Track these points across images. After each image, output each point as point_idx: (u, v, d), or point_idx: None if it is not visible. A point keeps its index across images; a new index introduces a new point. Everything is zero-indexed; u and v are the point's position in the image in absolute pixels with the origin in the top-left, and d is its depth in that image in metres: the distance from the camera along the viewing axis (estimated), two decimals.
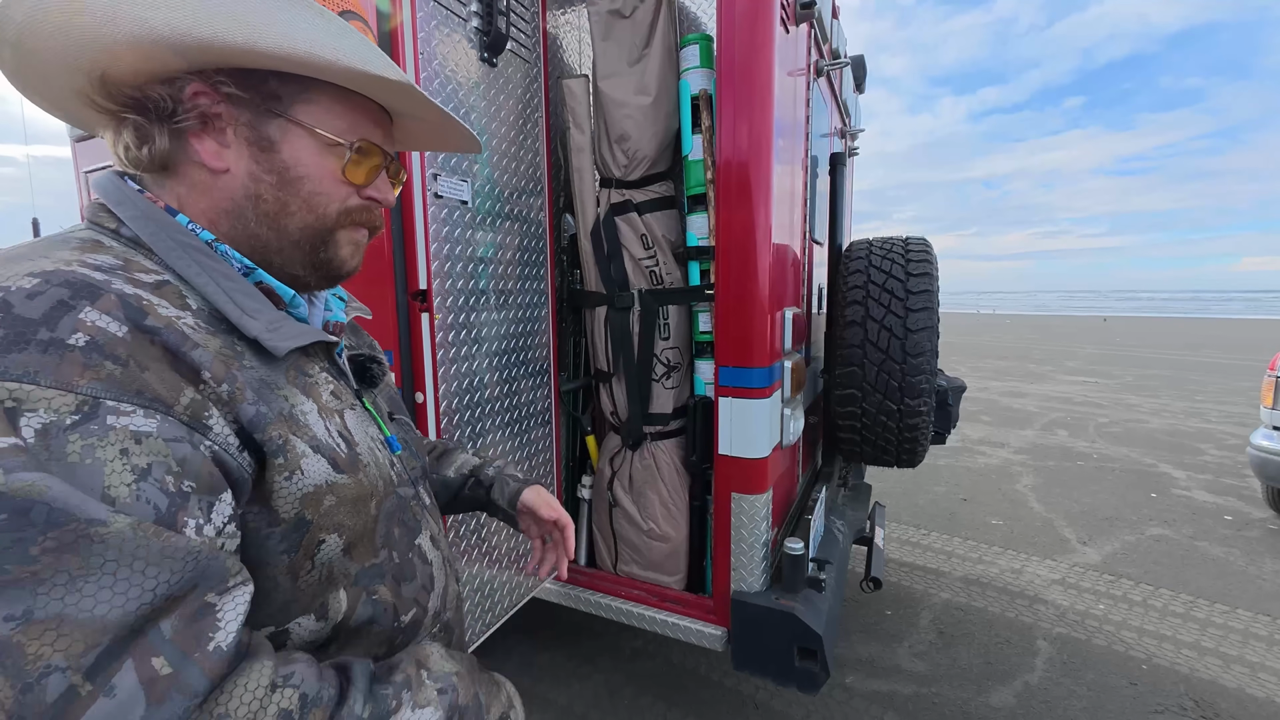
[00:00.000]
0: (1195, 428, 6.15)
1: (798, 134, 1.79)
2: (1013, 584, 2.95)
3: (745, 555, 1.56)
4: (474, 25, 1.37)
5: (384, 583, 0.58)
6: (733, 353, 1.51)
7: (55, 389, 0.37)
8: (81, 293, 0.41)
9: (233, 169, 0.53)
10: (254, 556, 0.48)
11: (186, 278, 0.49)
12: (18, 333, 0.38)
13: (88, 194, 3.14)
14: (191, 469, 0.41)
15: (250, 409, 0.47)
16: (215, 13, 0.46)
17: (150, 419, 0.40)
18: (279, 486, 0.48)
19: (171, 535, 0.39)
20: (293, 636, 0.51)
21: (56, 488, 0.35)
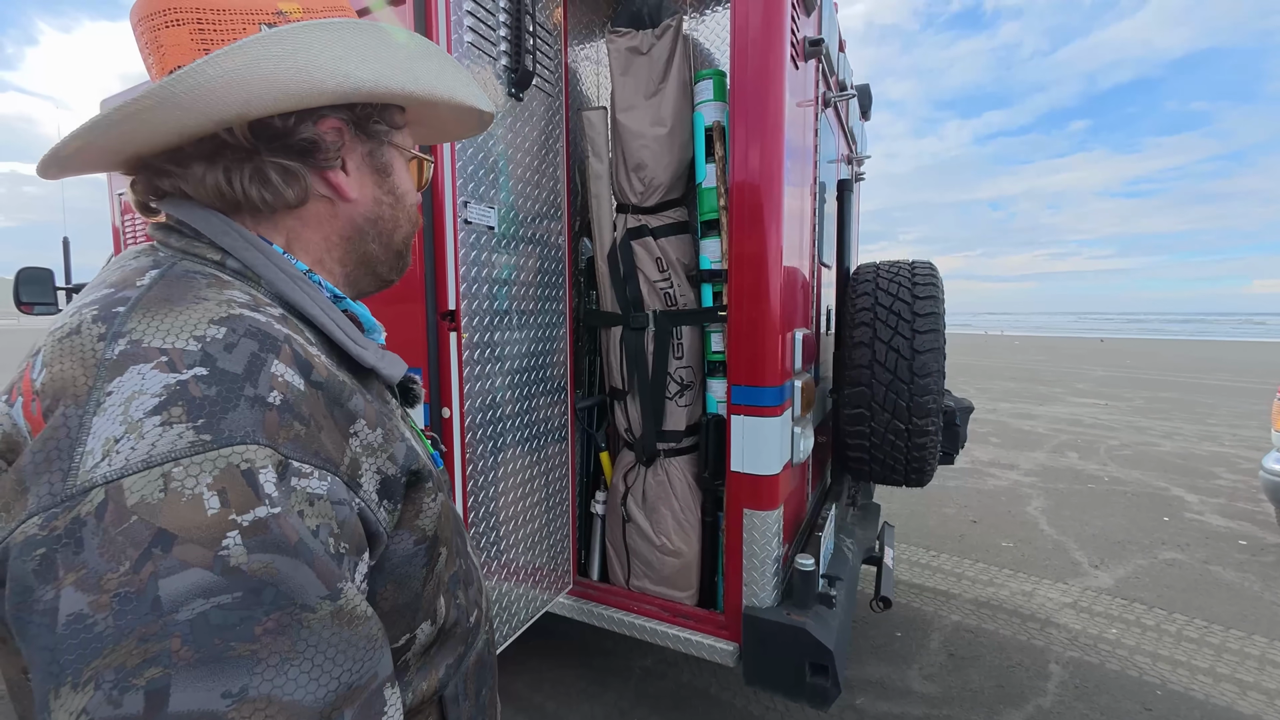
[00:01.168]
0: (1208, 451, 6.10)
1: (806, 162, 1.87)
2: (1024, 607, 2.94)
3: (757, 571, 1.59)
4: (503, 64, 1.46)
5: (461, 587, 0.62)
6: (745, 372, 1.56)
7: (269, 447, 0.39)
8: (266, 345, 0.43)
9: (359, 196, 0.56)
10: (402, 573, 0.51)
11: (301, 309, 0.50)
12: (228, 389, 0.39)
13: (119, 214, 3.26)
14: (348, 530, 0.43)
15: (402, 446, 0.50)
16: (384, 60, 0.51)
17: (324, 481, 0.42)
18: (425, 507, 0.52)
19: (361, 623, 0.40)
20: (417, 641, 0.54)
21: (284, 569, 0.37)
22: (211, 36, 0.48)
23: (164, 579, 0.34)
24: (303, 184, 0.52)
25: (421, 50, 0.55)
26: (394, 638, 0.51)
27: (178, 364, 0.39)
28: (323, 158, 0.52)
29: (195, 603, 0.34)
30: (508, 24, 1.45)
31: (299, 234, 0.54)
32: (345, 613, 0.39)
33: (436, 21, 1.28)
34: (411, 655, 0.54)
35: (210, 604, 0.34)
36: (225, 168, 0.49)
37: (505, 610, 1.68)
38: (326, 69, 0.47)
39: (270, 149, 0.49)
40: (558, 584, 1.91)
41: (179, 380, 0.38)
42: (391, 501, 0.49)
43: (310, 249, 0.55)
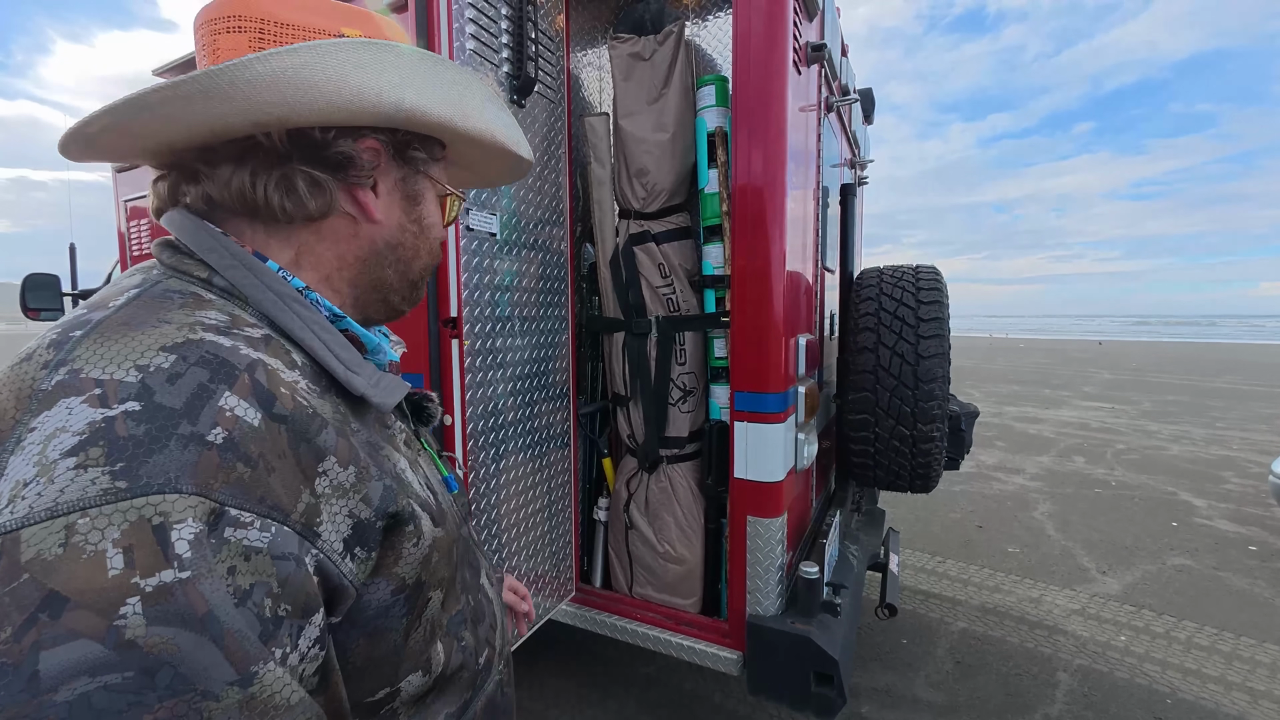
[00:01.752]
0: (1217, 455, 6.05)
1: (809, 167, 1.86)
2: (1031, 614, 2.91)
3: (760, 579, 1.58)
4: (505, 70, 1.46)
5: (466, 627, 0.57)
6: (748, 378, 1.55)
7: (197, 495, 0.34)
8: (219, 374, 0.39)
9: (384, 219, 0.55)
10: (378, 625, 0.47)
11: (288, 331, 0.47)
12: (159, 427, 0.35)
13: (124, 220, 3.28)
14: (291, 589, 0.38)
15: (378, 485, 0.46)
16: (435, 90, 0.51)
17: (265, 532, 0.37)
18: (406, 553, 0.47)
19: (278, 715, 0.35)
20: (402, 693, 0.50)
21: (186, 647, 0.32)
22: (269, 45, 0.48)
23: (46, 650, 0.29)
24: (328, 197, 0.50)
25: (475, 89, 0.56)
26: (370, 691, 0.48)
27: (110, 398, 0.35)
28: (355, 174, 0.51)
29: (79, 681, 0.30)
30: (509, 31, 1.46)
31: (312, 247, 0.52)
32: (259, 702, 0.34)
33: (438, 28, 1.29)
34: (400, 705, 0.50)
35: (95, 684, 0.30)
36: (253, 170, 0.47)
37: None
38: (377, 89, 0.46)
39: (303, 158, 0.48)
40: (560, 591, 1.90)
41: (106, 417, 0.34)
42: (364, 549, 0.44)
43: (321, 264, 0.53)
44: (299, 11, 0.49)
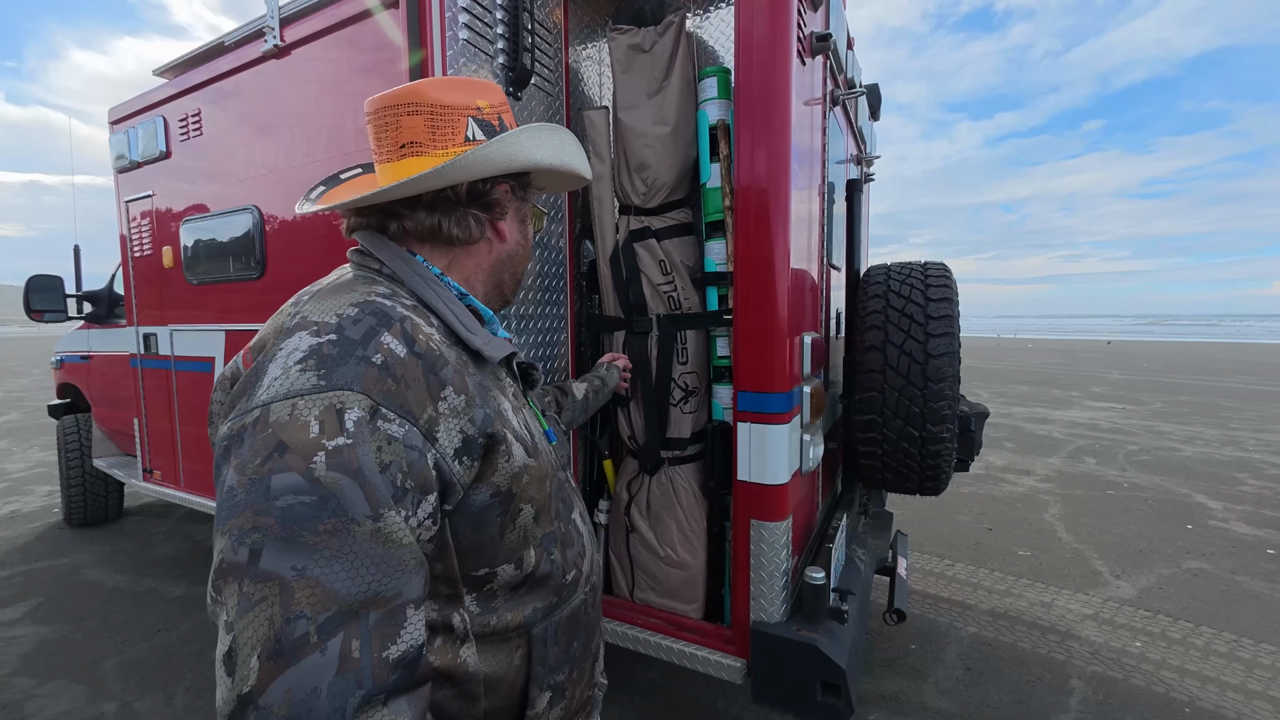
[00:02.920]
0: (1231, 456, 5.94)
1: (814, 162, 1.81)
2: (1043, 618, 2.84)
3: (765, 584, 1.53)
4: (500, 62, 1.43)
5: (556, 546, 0.74)
6: (751, 378, 1.51)
7: (362, 393, 0.53)
8: (383, 321, 0.59)
9: (509, 239, 0.78)
10: (480, 519, 0.63)
11: (428, 303, 0.68)
12: (345, 350, 0.56)
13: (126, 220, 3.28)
14: (415, 471, 0.55)
15: (480, 411, 0.63)
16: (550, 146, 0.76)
17: (401, 427, 0.55)
18: (501, 466, 0.64)
19: (395, 548, 0.51)
20: (498, 577, 0.67)
21: (344, 487, 0.50)
22: (438, 124, 0.70)
23: (275, 475, 0.49)
24: (482, 228, 0.74)
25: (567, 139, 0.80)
26: (474, 567, 0.65)
27: (321, 331, 0.57)
28: (498, 211, 0.75)
29: (289, 496, 0.49)
30: (505, 21, 1.42)
31: (460, 259, 0.75)
32: (383, 534, 0.51)
33: (430, 19, 1.25)
34: (498, 587, 0.67)
35: (297, 500, 0.49)
36: (443, 212, 0.71)
37: None
38: (524, 155, 0.72)
39: (471, 203, 0.72)
40: None
41: (318, 342, 0.56)
42: (470, 458, 0.61)
43: (464, 270, 0.75)
44: (450, 93, 0.71)
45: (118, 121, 3.22)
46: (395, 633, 0.50)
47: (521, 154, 0.72)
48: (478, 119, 0.71)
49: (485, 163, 0.69)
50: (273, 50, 2.38)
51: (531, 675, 0.70)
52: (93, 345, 4.01)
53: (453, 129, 0.70)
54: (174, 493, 3.16)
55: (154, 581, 3.31)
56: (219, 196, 2.75)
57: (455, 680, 0.64)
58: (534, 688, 0.71)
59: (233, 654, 0.46)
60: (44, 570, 3.46)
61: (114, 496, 4.24)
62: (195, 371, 2.97)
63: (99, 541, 3.92)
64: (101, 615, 2.93)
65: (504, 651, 0.68)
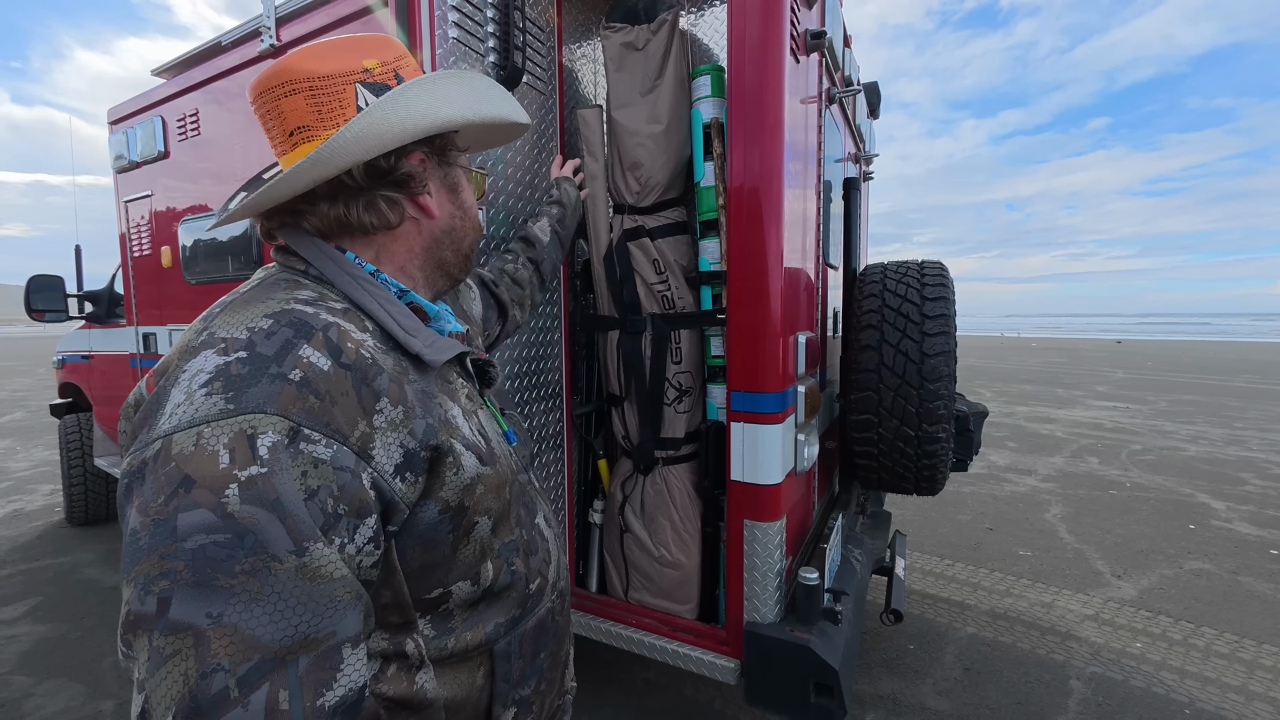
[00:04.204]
0: (1235, 456, 5.90)
1: (810, 160, 1.80)
2: (1043, 619, 2.83)
3: (758, 585, 1.52)
4: (491, 60, 1.42)
5: (518, 555, 0.69)
6: (745, 377, 1.50)
7: (277, 415, 0.48)
8: (301, 332, 0.53)
9: (439, 213, 0.69)
10: (429, 537, 0.59)
11: (360, 305, 0.61)
12: (256, 368, 0.50)
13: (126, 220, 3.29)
14: (348, 494, 0.50)
15: (421, 423, 0.57)
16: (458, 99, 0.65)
17: (329, 448, 0.50)
18: (448, 480, 0.59)
19: (324, 583, 0.47)
20: (454, 596, 0.63)
21: (262, 521, 0.45)
22: (321, 99, 0.60)
23: (182, 513, 0.44)
24: (401, 209, 0.65)
25: (479, 84, 0.69)
26: (427, 589, 0.60)
27: (230, 349, 0.51)
28: (416, 186, 0.66)
29: (199, 536, 0.44)
30: (495, 20, 1.41)
31: (388, 248, 0.67)
32: (309, 570, 0.46)
33: (419, 16, 1.25)
34: (454, 606, 0.63)
35: (209, 539, 0.44)
36: (345, 202, 0.62)
37: None
38: (422, 117, 0.62)
39: (379, 185, 0.63)
40: None
41: (225, 361, 0.50)
42: (413, 474, 0.56)
43: (395, 258, 0.67)
44: (327, 61, 0.61)
45: (116, 122, 3.23)
46: (330, 677, 0.46)
47: (419, 115, 0.61)
48: (368, 83, 0.62)
49: (370, 137, 0.59)
50: (269, 49, 2.38)
51: (495, 693, 0.66)
52: (93, 345, 4.03)
53: (339, 101, 0.60)
54: None
55: None
56: (217, 196, 2.76)
57: (413, 709, 0.58)
58: (498, 705, 0.67)
59: (145, 716, 0.42)
60: (45, 569, 3.47)
61: (115, 495, 4.26)
62: None
63: (99, 540, 3.94)
64: (99, 614, 2.94)
65: (464, 673, 0.64)
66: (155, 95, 2.99)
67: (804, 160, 1.72)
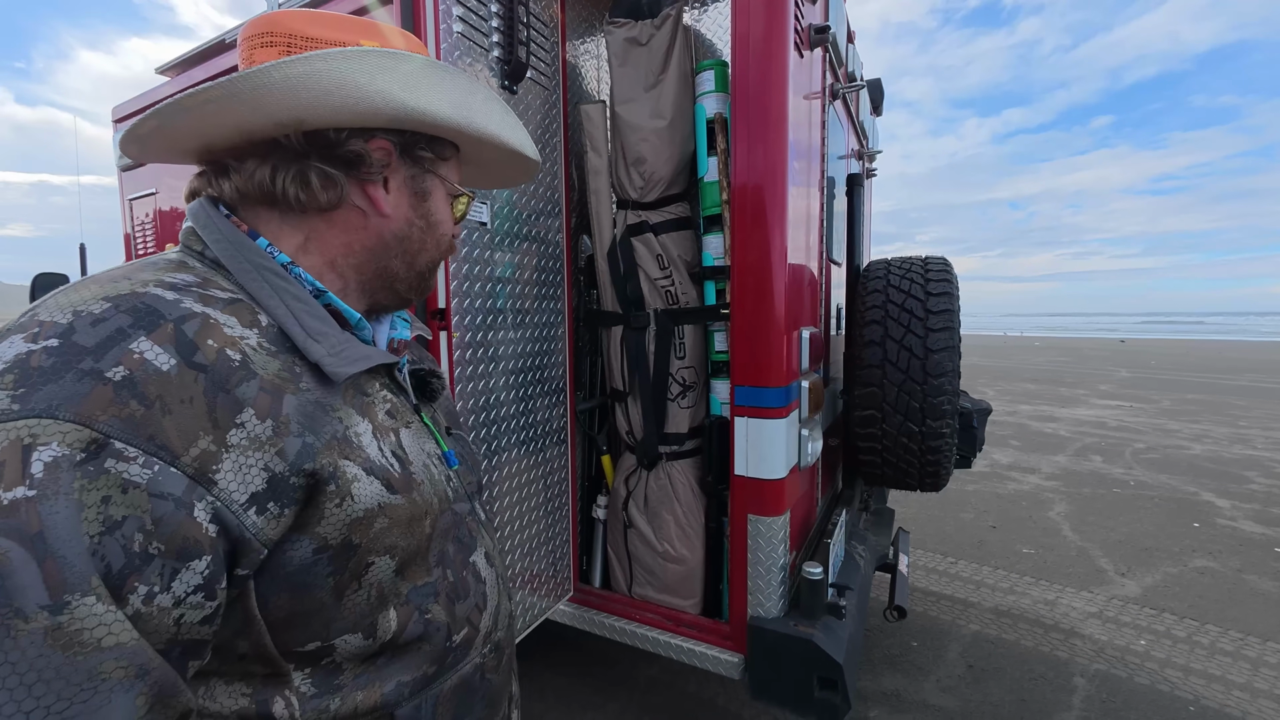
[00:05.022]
0: (1240, 454, 5.88)
1: (813, 156, 1.80)
2: (1046, 616, 2.82)
3: (762, 579, 1.52)
4: (495, 55, 1.42)
5: (437, 601, 0.58)
6: (748, 372, 1.50)
7: (73, 423, 0.37)
8: (142, 322, 0.42)
9: (393, 214, 0.60)
10: (299, 581, 0.48)
11: (257, 298, 0.51)
12: (64, 361, 0.39)
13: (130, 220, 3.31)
14: (166, 529, 0.38)
15: (296, 441, 0.46)
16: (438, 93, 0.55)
17: (148, 469, 0.38)
18: (328, 513, 0.48)
19: (87, 654, 0.34)
20: (338, 651, 0.52)
21: (15, 562, 0.33)
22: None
23: None
24: (339, 191, 0.56)
25: (479, 93, 0.61)
26: (299, 642, 0.50)
27: (40, 336, 0.40)
28: (365, 171, 0.56)
29: None
30: (500, 15, 1.41)
31: (322, 234, 0.57)
32: (64, 634, 0.34)
33: (424, 10, 1.25)
34: (340, 659, 0.52)
35: None
36: (274, 165, 0.53)
37: None
38: (382, 92, 0.51)
39: (319, 155, 0.54)
40: (558, 591, 1.85)
41: (29, 350, 0.39)
42: (277, 504, 0.45)
43: (327, 249, 0.58)
44: (321, 27, 0.56)
45: (121, 120, 3.24)
46: None
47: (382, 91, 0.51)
48: None
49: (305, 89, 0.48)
50: None
51: None
52: None
53: None
54: None
55: None
56: None
57: None
58: None
59: None
60: None
61: None
62: None
63: None
64: None
65: None
66: (160, 93, 3.00)
67: (807, 156, 1.72)
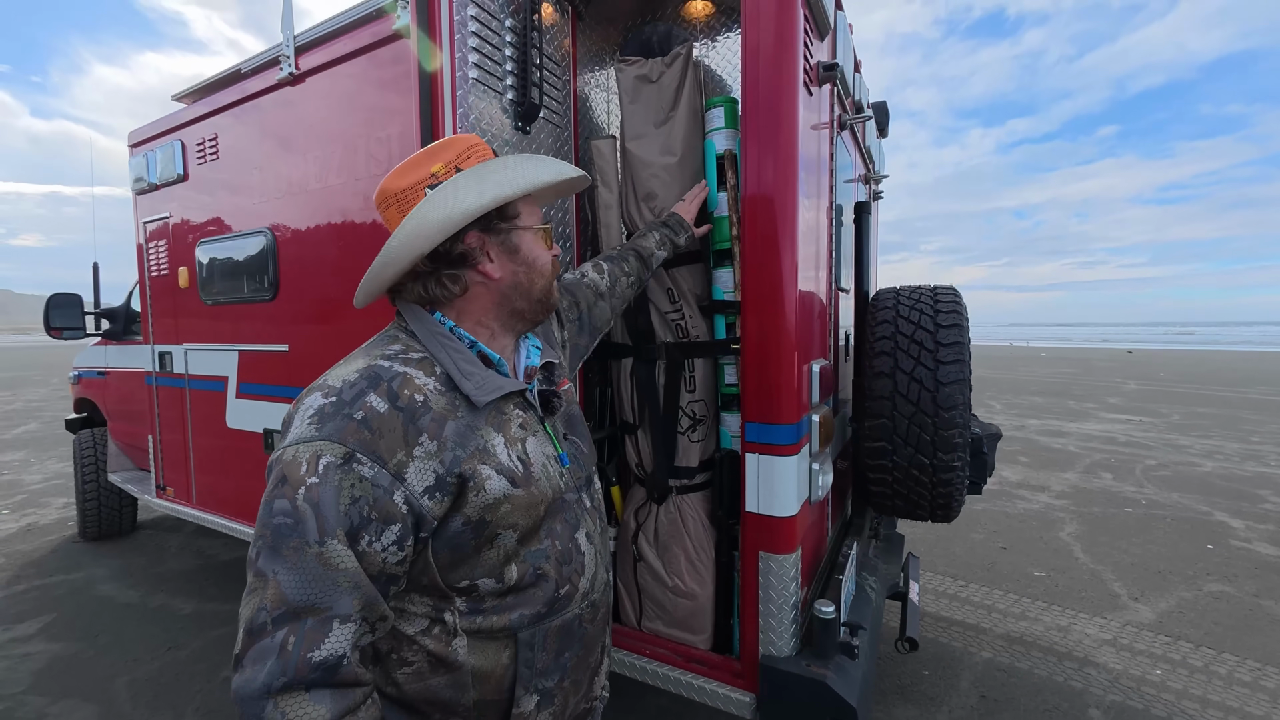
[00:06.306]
0: (1253, 472, 5.81)
1: (822, 187, 1.81)
2: (1060, 644, 2.78)
3: (774, 618, 1.51)
4: (510, 97, 1.44)
5: (548, 562, 0.82)
6: (759, 408, 1.50)
7: (339, 444, 0.69)
8: (373, 383, 0.73)
9: (501, 274, 0.84)
10: (453, 541, 0.75)
11: (434, 355, 0.80)
12: (337, 408, 0.71)
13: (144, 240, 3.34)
14: (379, 505, 0.69)
15: (450, 454, 0.74)
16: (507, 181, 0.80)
17: (371, 469, 0.69)
18: (470, 500, 0.75)
19: (332, 570, 0.66)
20: (480, 588, 0.78)
21: (308, 515, 0.66)
22: (407, 208, 0.79)
23: (276, 500, 0.68)
24: (463, 281, 0.83)
25: (511, 163, 0.83)
26: (456, 580, 0.77)
27: (329, 393, 0.73)
28: (473, 260, 0.83)
29: (280, 517, 0.67)
30: (514, 58, 1.43)
31: (465, 309, 0.85)
32: (324, 557, 0.66)
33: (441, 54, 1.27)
34: (484, 593, 0.78)
35: (283, 520, 0.67)
36: (423, 283, 0.83)
37: None
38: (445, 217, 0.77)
39: (442, 266, 0.81)
40: None
41: (324, 403, 0.72)
42: (441, 494, 0.73)
43: (472, 315, 0.85)
44: (404, 177, 0.81)
45: (137, 145, 3.29)
46: (320, 640, 0.64)
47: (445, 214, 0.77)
48: (433, 185, 0.79)
49: (415, 240, 0.77)
50: (288, 77, 2.42)
51: (518, 675, 0.79)
52: (109, 361, 4.08)
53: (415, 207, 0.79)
54: (186, 509, 3.19)
55: (165, 597, 3.34)
56: (235, 219, 2.80)
57: (446, 666, 0.76)
58: (520, 688, 0.79)
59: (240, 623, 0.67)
60: (58, 585, 3.50)
61: (128, 511, 4.29)
62: (209, 390, 3.01)
63: (113, 556, 3.96)
64: (114, 632, 2.96)
65: (491, 649, 0.79)
66: (175, 120, 3.05)
67: (817, 188, 1.72)
